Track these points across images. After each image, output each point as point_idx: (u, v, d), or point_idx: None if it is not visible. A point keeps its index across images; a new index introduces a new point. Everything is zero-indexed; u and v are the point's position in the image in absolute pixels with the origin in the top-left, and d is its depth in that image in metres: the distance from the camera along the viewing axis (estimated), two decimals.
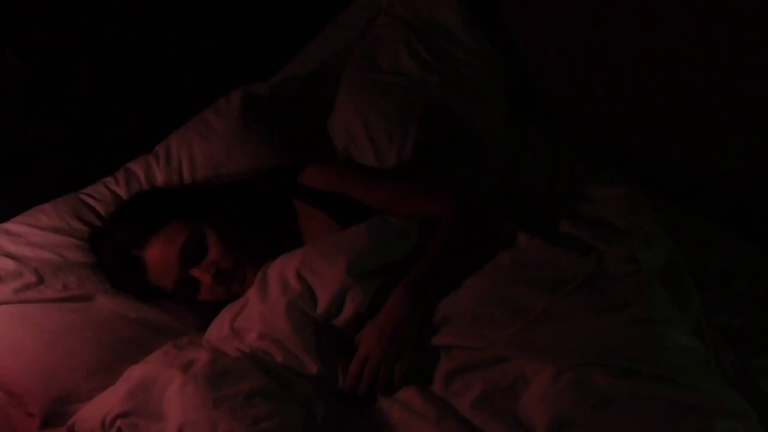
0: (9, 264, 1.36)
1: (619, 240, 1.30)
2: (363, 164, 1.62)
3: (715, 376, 1.16)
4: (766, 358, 1.33)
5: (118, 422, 1.16)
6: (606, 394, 1.09)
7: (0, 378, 1.32)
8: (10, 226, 1.43)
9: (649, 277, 1.23)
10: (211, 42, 1.73)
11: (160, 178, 1.56)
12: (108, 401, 1.20)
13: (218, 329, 1.29)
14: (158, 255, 1.32)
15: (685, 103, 1.68)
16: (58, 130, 1.55)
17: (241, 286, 1.34)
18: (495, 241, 1.33)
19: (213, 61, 1.74)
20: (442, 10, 1.83)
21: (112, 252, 1.36)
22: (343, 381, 1.22)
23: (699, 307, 1.27)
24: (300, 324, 1.23)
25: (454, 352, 1.20)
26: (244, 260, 1.35)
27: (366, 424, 1.20)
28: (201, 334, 1.33)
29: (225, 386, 1.14)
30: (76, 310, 1.34)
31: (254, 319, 1.25)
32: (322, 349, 1.23)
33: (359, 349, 1.22)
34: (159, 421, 1.14)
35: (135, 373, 1.23)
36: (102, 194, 1.52)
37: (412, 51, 1.77)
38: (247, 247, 1.37)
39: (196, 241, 1.33)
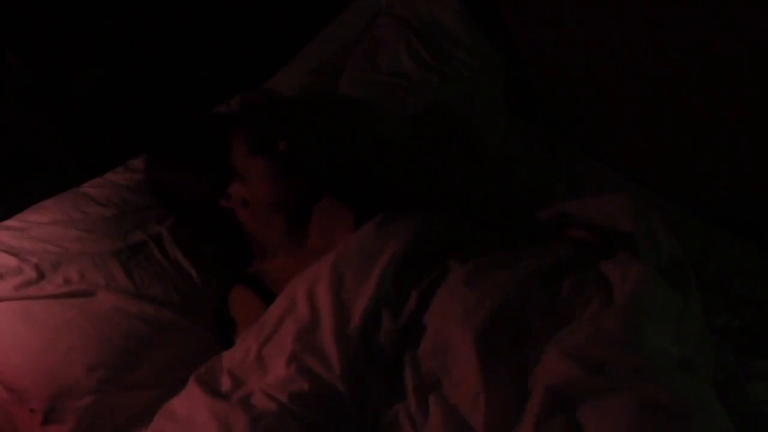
0: (10, 261, 1.36)
1: (622, 244, 1.30)
2: None
3: (696, 383, 1.12)
4: (766, 358, 1.34)
5: None
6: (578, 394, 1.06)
7: (2, 375, 1.32)
8: (11, 222, 1.43)
9: (648, 271, 1.21)
10: (211, 41, 1.73)
11: None
12: None
13: (243, 355, 1.23)
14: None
15: (685, 103, 1.68)
16: (58, 130, 1.55)
17: (294, 182, 1.43)
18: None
19: (213, 59, 1.74)
20: (443, 10, 1.83)
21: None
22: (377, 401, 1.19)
23: (700, 312, 1.25)
24: (338, 341, 1.18)
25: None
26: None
27: None
28: (219, 358, 1.27)
29: None
30: (77, 306, 1.34)
31: (286, 341, 1.20)
32: (354, 367, 1.18)
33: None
34: None
35: None
36: (102, 184, 1.52)
37: (412, 51, 1.76)
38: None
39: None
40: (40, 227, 1.41)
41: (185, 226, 1.47)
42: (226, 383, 1.20)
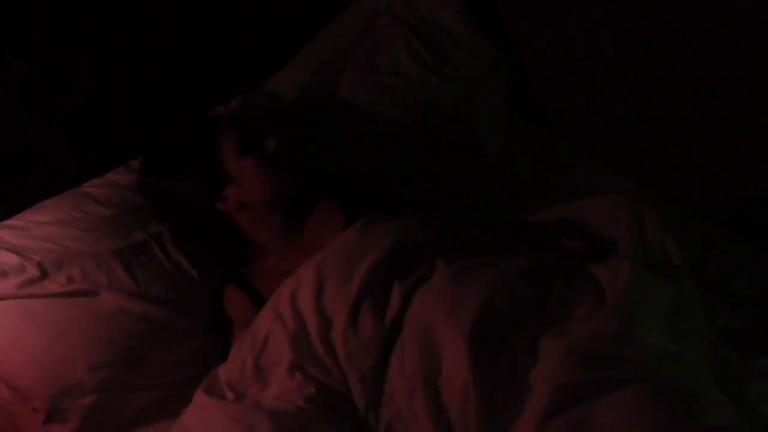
0: (12, 259, 1.36)
1: (616, 246, 1.30)
2: None
3: (696, 375, 1.14)
4: (766, 358, 1.34)
5: None
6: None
7: (5, 373, 1.32)
8: (12, 222, 1.43)
9: (636, 269, 1.21)
10: (210, 41, 1.73)
11: None
12: None
13: (240, 367, 1.22)
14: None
15: (685, 102, 1.68)
16: (58, 130, 1.55)
17: (287, 178, 1.43)
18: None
19: (213, 59, 1.74)
20: (443, 10, 1.83)
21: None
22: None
23: (700, 311, 1.25)
24: (325, 348, 1.18)
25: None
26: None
27: None
28: (215, 372, 1.26)
29: None
30: (80, 305, 1.34)
31: (282, 349, 1.20)
32: (344, 371, 1.18)
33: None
34: None
35: None
36: (103, 184, 1.52)
37: (412, 51, 1.76)
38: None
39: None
40: (41, 227, 1.41)
41: (182, 230, 1.48)
42: (229, 396, 1.20)
